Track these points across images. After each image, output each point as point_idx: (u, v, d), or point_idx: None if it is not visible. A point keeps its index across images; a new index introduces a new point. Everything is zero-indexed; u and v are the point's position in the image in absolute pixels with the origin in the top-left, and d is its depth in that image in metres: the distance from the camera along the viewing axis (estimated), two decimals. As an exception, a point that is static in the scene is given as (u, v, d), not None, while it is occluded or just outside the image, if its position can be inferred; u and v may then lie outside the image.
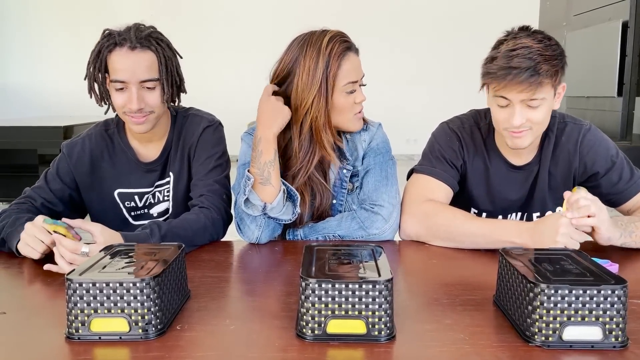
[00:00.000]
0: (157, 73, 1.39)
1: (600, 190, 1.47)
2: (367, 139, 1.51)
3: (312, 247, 1.02)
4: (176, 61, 1.46)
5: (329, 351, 0.83)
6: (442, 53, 8.02)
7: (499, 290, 1.00)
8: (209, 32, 7.96)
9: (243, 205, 1.37)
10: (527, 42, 1.29)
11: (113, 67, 1.37)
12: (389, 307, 0.85)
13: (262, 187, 1.35)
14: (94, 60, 1.40)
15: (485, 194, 1.53)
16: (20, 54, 8.27)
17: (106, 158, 1.52)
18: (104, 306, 0.85)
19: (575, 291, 0.82)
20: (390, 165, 1.49)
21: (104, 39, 1.39)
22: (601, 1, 5.88)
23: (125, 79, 1.36)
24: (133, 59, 1.36)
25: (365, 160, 1.50)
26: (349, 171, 1.49)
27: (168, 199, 1.54)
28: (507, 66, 1.27)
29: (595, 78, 5.69)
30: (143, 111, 1.39)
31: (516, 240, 1.26)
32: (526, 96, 1.28)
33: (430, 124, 1.67)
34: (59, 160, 1.52)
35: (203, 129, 1.52)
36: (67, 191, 1.50)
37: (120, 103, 1.39)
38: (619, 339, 0.83)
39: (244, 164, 1.45)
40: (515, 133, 1.34)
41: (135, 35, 1.37)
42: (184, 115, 1.56)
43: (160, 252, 1.00)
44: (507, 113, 1.32)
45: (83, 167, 1.51)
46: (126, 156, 1.52)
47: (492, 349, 0.84)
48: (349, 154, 1.50)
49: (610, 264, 1.17)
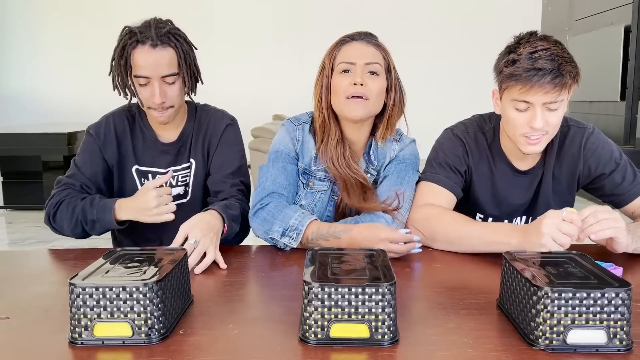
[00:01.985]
0: (177, 67, 1.48)
1: (604, 191, 1.47)
2: (397, 150, 1.51)
3: (315, 251, 1.02)
4: (193, 54, 1.54)
5: (332, 355, 0.83)
6: (447, 58, 8.02)
7: (503, 294, 0.99)
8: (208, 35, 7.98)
9: (269, 237, 1.40)
10: (544, 44, 1.28)
11: (136, 63, 1.45)
12: (392, 311, 0.85)
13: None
14: (118, 57, 1.47)
15: (490, 198, 1.53)
16: (24, 61, 8.31)
17: (128, 135, 1.59)
18: (107, 311, 0.85)
19: (579, 294, 0.82)
20: (409, 174, 1.49)
21: (125, 35, 1.47)
22: (603, 5, 5.89)
23: (148, 75, 1.45)
24: (155, 55, 1.44)
25: (387, 167, 1.51)
26: (372, 176, 1.50)
27: (183, 185, 1.61)
28: (532, 67, 1.26)
29: (598, 82, 5.69)
30: (164, 105, 1.48)
31: (510, 241, 1.25)
32: (550, 98, 1.27)
33: (434, 129, 1.67)
34: (87, 144, 1.58)
35: (226, 126, 1.62)
36: (100, 175, 1.57)
37: (145, 97, 1.48)
38: (624, 342, 0.83)
39: (278, 151, 1.50)
40: (533, 139, 1.33)
41: (155, 32, 1.44)
42: (203, 109, 1.65)
43: (163, 256, 1.00)
44: (527, 117, 1.31)
45: (111, 144, 1.57)
46: (145, 135, 1.60)
47: (496, 353, 0.83)
48: (376, 161, 1.50)
49: (614, 267, 1.16)
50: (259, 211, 1.43)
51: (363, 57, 1.43)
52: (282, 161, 1.50)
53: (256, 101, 7.79)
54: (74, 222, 1.46)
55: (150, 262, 0.97)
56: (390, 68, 1.47)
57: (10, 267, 1.32)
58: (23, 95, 8.33)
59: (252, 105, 7.80)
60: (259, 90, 7.93)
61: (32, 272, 1.29)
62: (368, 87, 1.41)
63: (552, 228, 1.15)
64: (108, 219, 1.43)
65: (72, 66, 8.11)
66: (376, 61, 1.43)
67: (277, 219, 1.39)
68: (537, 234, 1.17)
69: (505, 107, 1.36)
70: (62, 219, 1.47)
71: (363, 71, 1.42)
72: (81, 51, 8.07)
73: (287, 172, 1.49)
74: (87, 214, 1.45)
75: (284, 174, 1.48)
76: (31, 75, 8.32)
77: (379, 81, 1.43)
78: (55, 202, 1.49)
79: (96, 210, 1.44)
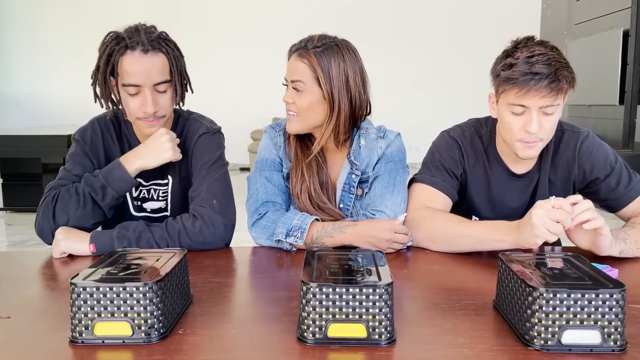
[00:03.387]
0: (169, 75, 1.40)
1: (599, 195, 1.49)
2: (383, 147, 1.52)
3: (314, 252, 1.03)
4: (183, 61, 1.47)
5: (329, 355, 0.84)
6: (445, 62, 8.05)
7: (499, 295, 1.00)
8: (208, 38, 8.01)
9: (274, 239, 1.40)
10: (541, 49, 1.30)
11: (125, 70, 1.35)
12: (389, 311, 0.86)
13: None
14: (104, 64, 1.37)
15: (486, 202, 1.54)
16: (25, 63, 8.32)
17: (116, 143, 1.52)
18: (107, 310, 0.86)
19: (573, 295, 0.83)
20: (400, 174, 1.50)
21: (111, 42, 1.37)
22: (602, 10, 5.91)
23: (139, 83, 1.36)
24: (147, 62, 1.35)
25: (376, 167, 1.51)
26: (357, 176, 1.51)
27: (164, 200, 1.55)
28: (530, 72, 1.27)
29: (596, 86, 5.70)
30: (157, 114, 1.40)
31: (506, 237, 1.27)
32: (547, 102, 1.29)
33: (433, 132, 1.68)
34: (75, 150, 1.50)
35: (199, 136, 1.51)
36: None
37: (134, 107, 1.39)
38: (618, 343, 0.84)
39: (263, 159, 1.51)
40: (529, 143, 1.35)
41: (146, 37, 1.36)
42: (186, 119, 1.55)
43: (163, 256, 1.01)
44: (523, 121, 1.32)
45: (98, 149, 1.50)
46: (130, 146, 1.51)
47: (492, 353, 0.84)
48: (362, 159, 1.51)
49: (610, 269, 1.17)
50: (257, 221, 1.44)
51: (291, 75, 1.46)
52: (268, 169, 1.51)
53: (256, 103, 7.80)
54: (81, 200, 1.38)
55: (151, 262, 0.98)
56: (319, 78, 1.42)
57: (10, 268, 1.33)
58: (23, 97, 8.34)
59: (252, 107, 7.83)
60: (259, 92, 7.93)
61: (33, 272, 1.29)
62: (295, 104, 1.45)
63: (543, 218, 1.17)
64: (119, 175, 1.39)
65: (72, 68, 8.13)
66: (298, 78, 1.43)
67: (279, 223, 1.40)
68: (530, 227, 1.19)
69: (501, 110, 1.37)
70: (67, 205, 1.39)
71: (290, 88, 1.46)
72: (81, 53, 8.06)
73: (276, 179, 1.50)
74: (94, 182, 1.39)
75: (273, 182, 1.49)
76: (31, 77, 8.34)
77: (303, 96, 1.44)
78: (51, 198, 1.40)
79: (103, 175, 1.40)
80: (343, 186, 1.51)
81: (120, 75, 1.37)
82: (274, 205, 1.46)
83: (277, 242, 1.40)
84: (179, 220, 1.40)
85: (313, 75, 1.42)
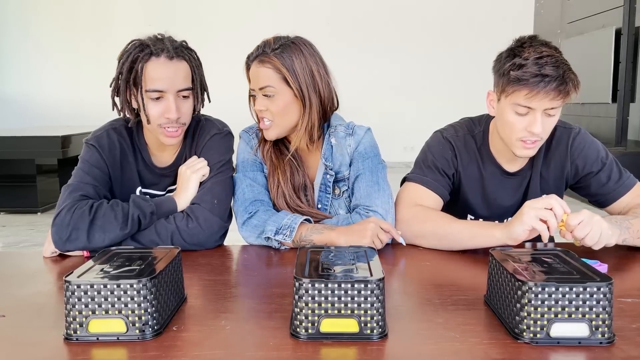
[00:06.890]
0: (191, 82, 1.42)
1: (590, 190, 1.50)
2: (353, 144, 1.51)
3: (306, 249, 1.05)
4: (202, 70, 1.48)
5: (322, 350, 0.85)
6: (439, 61, 8.06)
7: (490, 290, 1.02)
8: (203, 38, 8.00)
9: (263, 236, 1.41)
10: (547, 50, 1.30)
11: (150, 76, 1.36)
12: (381, 306, 0.87)
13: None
14: (127, 71, 1.37)
15: (481, 200, 1.55)
16: (18, 64, 8.29)
17: (131, 152, 1.50)
18: (101, 307, 0.87)
19: (561, 289, 0.84)
20: (380, 169, 1.50)
21: (135, 49, 1.37)
22: (594, 8, 5.95)
23: (163, 88, 1.36)
24: (172, 68, 1.37)
25: (353, 166, 1.51)
26: (332, 176, 1.52)
27: None
28: (540, 73, 1.27)
29: (589, 85, 5.73)
30: (179, 122, 1.40)
31: (494, 233, 1.29)
32: (553, 104, 1.30)
33: (427, 131, 1.69)
34: (89, 154, 1.45)
35: (211, 136, 1.50)
36: (107, 181, 1.46)
37: (156, 113, 1.38)
38: (606, 335, 0.85)
39: (245, 160, 1.53)
40: (529, 143, 1.36)
41: (171, 45, 1.38)
42: (197, 121, 1.54)
43: (156, 254, 1.02)
44: (527, 121, 1.33)
45: (114, 158, 1.47)
46: (142, 156, 1.51)
47: (482, 346, 0.85)
48: (335, 158, 1.51)
49: (599, 264, 1.19)
50: (248, 220, 1.45)
51: (258, 83, 1.45)
52: (251, 170, 1.52)
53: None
54: (129, 222, 1.34)
55: (144, 260, 0.99)
56: (287, 78, 1.43)
57: (5, 267, 1.34)
58: (17, 98, 8.31)
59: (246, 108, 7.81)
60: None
61: (27, 271, 1.30)
62: (268, 110, 1.45)
63: (533, 215, 1.20)
64: (167, 207, 1.42)
65: (66, 69, 8.11)
66: (266, 84, 1.43)
67: (269, 221, 1.41)
68: (520, 223, 1.22)
69: (504, 109, 1.36)
70: (109, 224, 1.33)
71: (260, 96, 1.46)
72: (75, 54, 8.07)
73: (260, 179, 1.52)
74: (144, 207, 1.37)
75: (258, 182, 1.51)
76: (25, 78, 8.31)
77: (275, 101, 1.44)
78: (88, 209, 1.34)
79: (155, 203, 1.40)
80: (320, 187, 1.53)
81: (144, 81, 1.37)
82: (263, 204, 1.47)
83: (266, 239, 1.41)
84: (171, 220, 1.40)
85: (280, 77, 1.43)
